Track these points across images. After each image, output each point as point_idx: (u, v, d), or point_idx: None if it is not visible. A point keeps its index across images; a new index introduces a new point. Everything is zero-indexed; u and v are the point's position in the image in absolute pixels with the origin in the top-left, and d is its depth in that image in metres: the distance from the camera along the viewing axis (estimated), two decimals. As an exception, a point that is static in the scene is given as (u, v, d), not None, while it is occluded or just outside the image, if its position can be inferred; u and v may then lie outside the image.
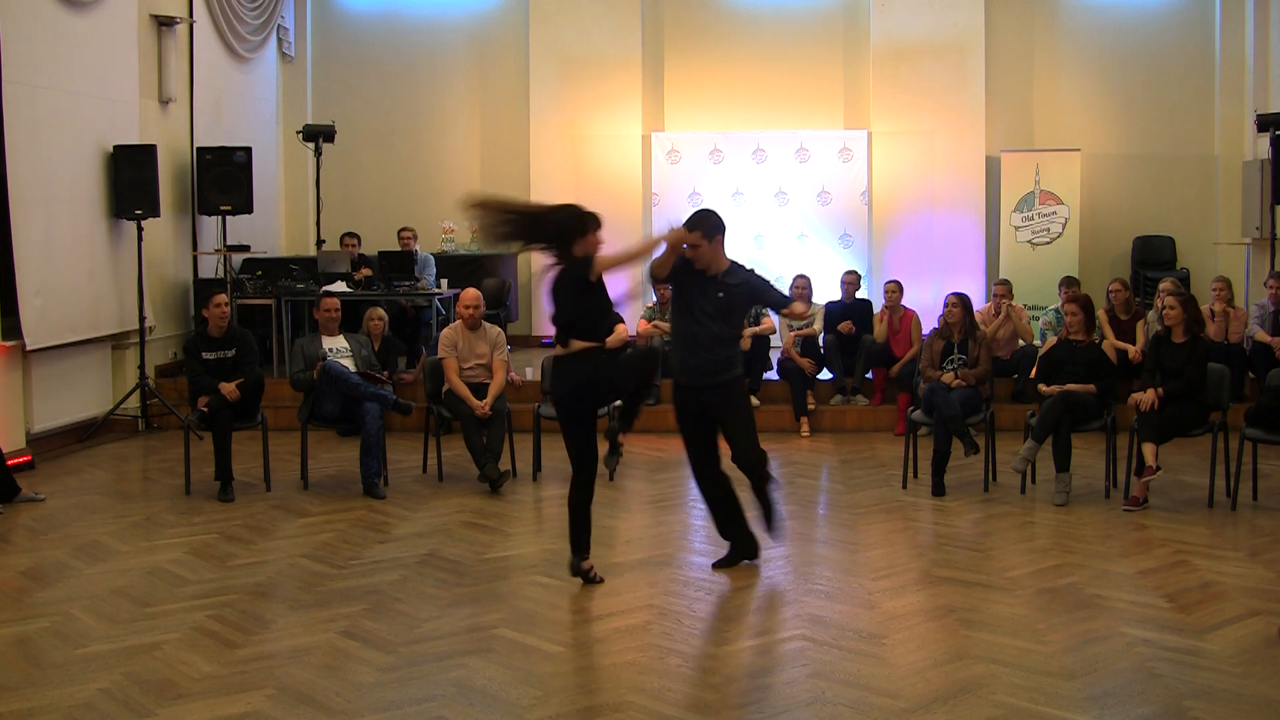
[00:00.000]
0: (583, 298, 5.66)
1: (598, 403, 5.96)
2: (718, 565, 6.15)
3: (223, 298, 8.19)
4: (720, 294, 5.86)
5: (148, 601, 5.66)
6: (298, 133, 12.59)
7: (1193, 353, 7.40)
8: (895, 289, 10.33)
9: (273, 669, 4.77)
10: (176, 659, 4.89)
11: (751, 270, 6.05)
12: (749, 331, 10.15)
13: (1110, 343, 9.59)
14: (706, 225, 5.85)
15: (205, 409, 7.83)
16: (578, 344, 5.68)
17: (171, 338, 11.24)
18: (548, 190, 13.42)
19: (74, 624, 5.35)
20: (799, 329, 10.27)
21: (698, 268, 5.88)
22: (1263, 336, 9.64)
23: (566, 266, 5.69)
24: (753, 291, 5.98)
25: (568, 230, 5.66)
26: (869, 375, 10.31)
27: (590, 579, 5.83)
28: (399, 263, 11.20)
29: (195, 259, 11.55)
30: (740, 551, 6.17)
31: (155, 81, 11.00)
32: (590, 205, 6.22)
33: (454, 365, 8.15)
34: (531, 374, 10.17)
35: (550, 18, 13.43)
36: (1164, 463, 7.52)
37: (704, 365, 5.91)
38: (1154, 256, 13.05)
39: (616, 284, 6.15)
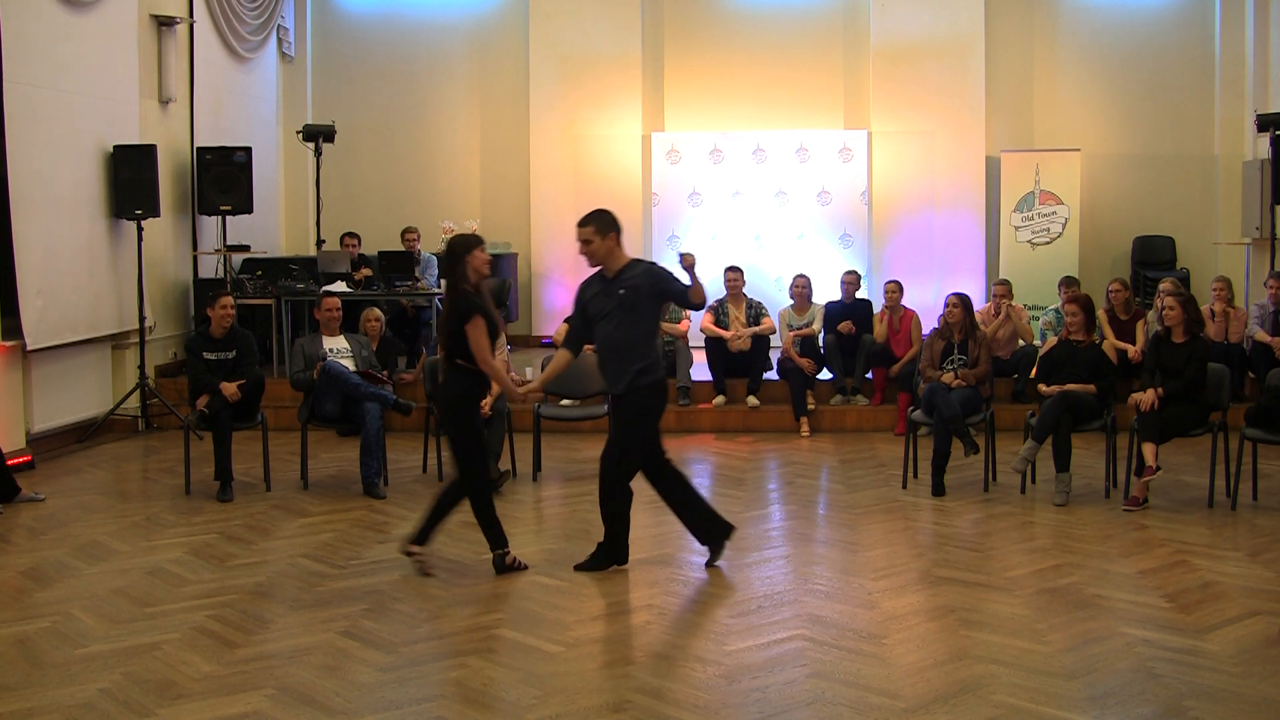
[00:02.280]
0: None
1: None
2: (710, 564, 6.14)
3: (229, 299, 8.19)
4: (621, 290, 5.89)
5: (148, 601, 5.66)
6: (298, 133, 12.59)
7: (1193, 353, 7.40)
8: (895, 289, 10.32)
9: (273, 669, 4.77)
10: (176, 659, 4.89)
11: (651, 263, 6.08)
12: (748, 331, 10.17)
13: (1110, 343, 9.59)
14: (600, 221, 5.95)
15: (205, 409, 7.83)
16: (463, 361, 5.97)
17: (171, 338, 11.24)
18: (548, 190, 13.46)
19: (74, 624, 5.35)
20: (799, 329, 10.27)
21: (592, 266, 6.00)
22: (1263, 336, 9.64)
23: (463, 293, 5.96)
24: (654, 280, 5.91)
25: (451, 262, 6.00)
26: (869, 375, 10.32)
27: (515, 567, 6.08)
28: (399, 263, 11.20)
29: (195, 259, 11.55)
30: (716, 533, 6.16)
31: (155, 81, 11.00)
32: (590, 205, 6.30)
33: (454, 365, 8.13)
34: (531, 374, 10.15)
35: (550, 18, 13.43)
36: (1164, 463, 7.53)
37: (614, 373, 5.96)
38: (1154, 256, 13.05)
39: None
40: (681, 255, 5.88)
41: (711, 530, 6.18)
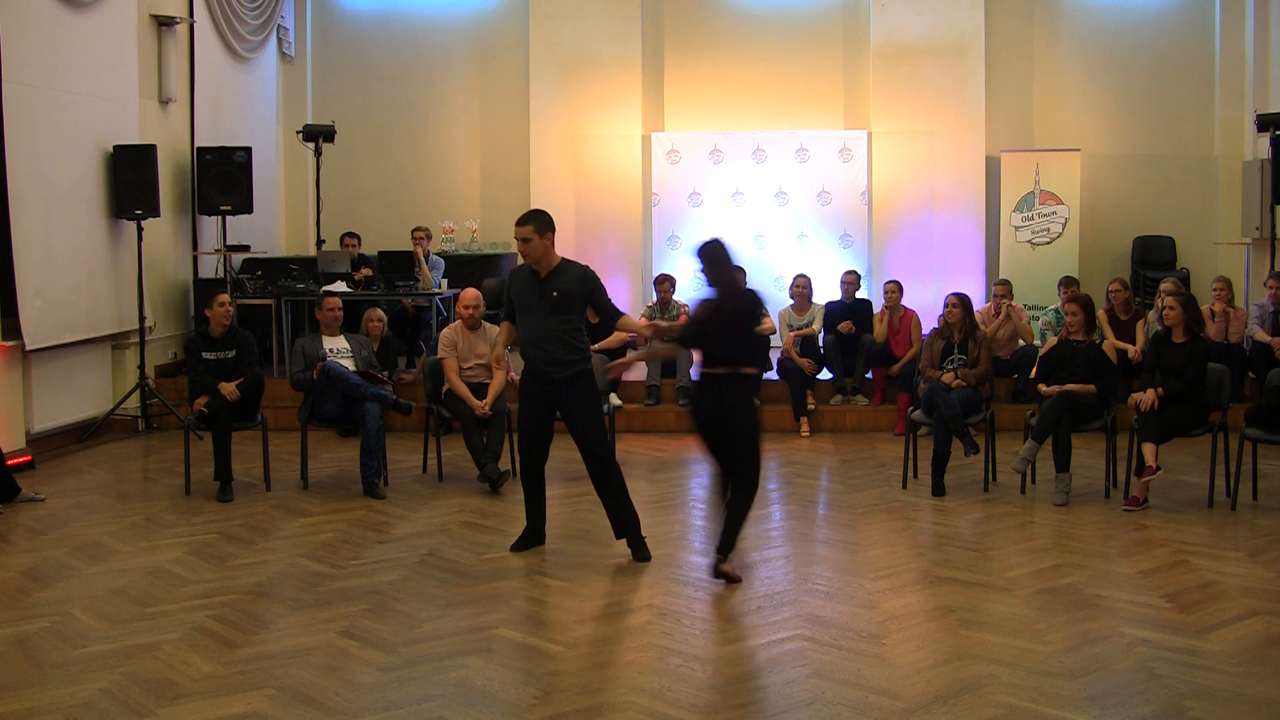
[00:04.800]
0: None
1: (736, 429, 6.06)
2: (515, 547, 6.48)
3: (226, 297, 8.19)
4: (555, 293, 6.18)
5: (148, 601, 5.66)
6: (298, 133, 12.59)
7: (1193, 353, 7.40)
8: (895, 289, 10.33)
9: (273, 669, 4.77)
10: (176, 659, 4.89)
11: (585, 268, 6.34)
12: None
13: (1110, 343, 9.59)
14: (538, 221, 6.22)
15: (204, 409, 7.83)
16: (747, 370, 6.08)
17: (171, 338, 11.24)
18: (548, 190, 13.43)
19: (74, 624, 5.35)
20: (799, 329, 10.27)
21: (528, 262, 6.25)
22: (1263, 336, 9.64)
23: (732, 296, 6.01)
24: (587, 288, 6.24)
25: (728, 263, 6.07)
26: (869, 375, 10.32)
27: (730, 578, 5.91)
28: (399, 263, 11.19)
29: (195, 259, 11.55)
30: (534, 538, 6.50)
31: (155, 81, 11.00)
32: (590, 205, 6.38)
33: (454, 365, 8.15)
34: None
35: (550, 18, 13.42)
36: (1164, 463, 7.52)
37: (548, 362, 6.22)
38: (1154, 256, 13.05)
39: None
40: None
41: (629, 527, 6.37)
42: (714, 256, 5.99)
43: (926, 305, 11.48)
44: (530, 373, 6.32)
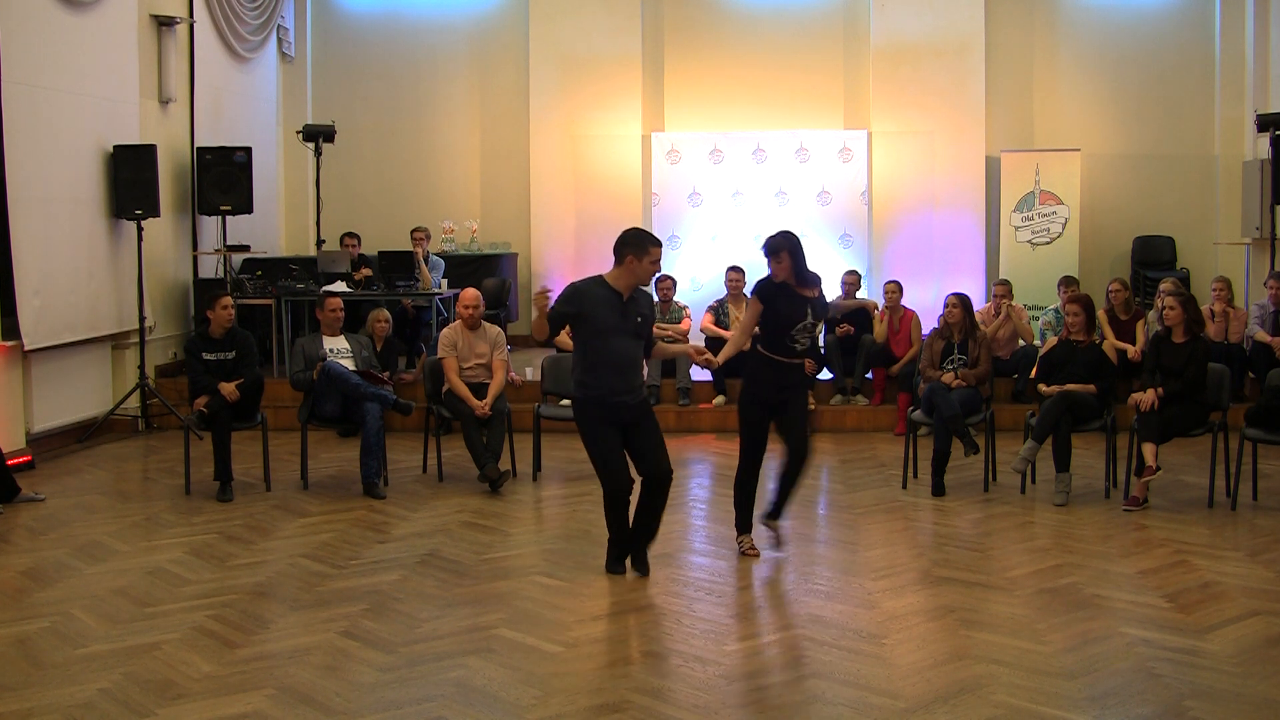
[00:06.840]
0: None
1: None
2: (612, 568, 6.11)
3: (229, 299, 8.18)
4: (639, 318, 6.03)
5: (148, 601, 5.66)
6: (298, 133, 12.60)
7: (1193, 353, 7.40)
8: (895, 289, 10.33)
9: (273, 669, 4.77)
10: (176, 659, 4.89)
11: (649, 294, 6.34)
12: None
13: (1110, 343, 9.59)
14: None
15: (204, 409, 7.83)
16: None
17: (171, 338, 11.24)
18: (548, 190, 13.45)
19: (74, 624, 5.35)
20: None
21: (612, 282, 5.95)
22: (1263, 336, 9.64)
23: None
24: (652, 314, 6.22)
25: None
26: (869, 375, 10.32)
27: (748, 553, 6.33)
28: (399, 263, 11.19)
29: (195, 259, 11.55)
30: (623, 554, 6.12)
31: (155, 81, 11.00)
32: (590, 205, 6.35)
33: (454, 365, 8.15)
34: (532, 374, 10.16)
35: (550, 18, 13.43)
36: (1164, 463, 7.52)
37: (627, 385, 5.95)
38: (1154, 256, 13.05)
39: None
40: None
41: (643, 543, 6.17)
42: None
43: (926, 305, 11.49)
44: (599, 402, 5.92)
